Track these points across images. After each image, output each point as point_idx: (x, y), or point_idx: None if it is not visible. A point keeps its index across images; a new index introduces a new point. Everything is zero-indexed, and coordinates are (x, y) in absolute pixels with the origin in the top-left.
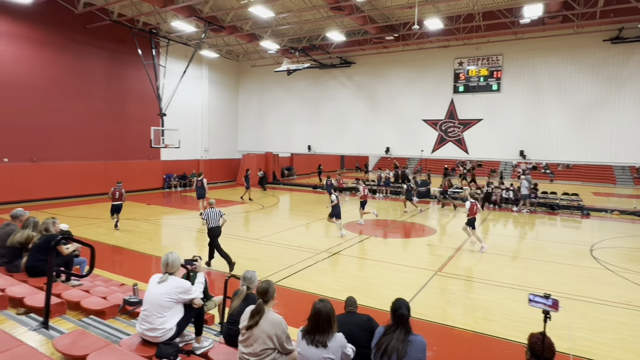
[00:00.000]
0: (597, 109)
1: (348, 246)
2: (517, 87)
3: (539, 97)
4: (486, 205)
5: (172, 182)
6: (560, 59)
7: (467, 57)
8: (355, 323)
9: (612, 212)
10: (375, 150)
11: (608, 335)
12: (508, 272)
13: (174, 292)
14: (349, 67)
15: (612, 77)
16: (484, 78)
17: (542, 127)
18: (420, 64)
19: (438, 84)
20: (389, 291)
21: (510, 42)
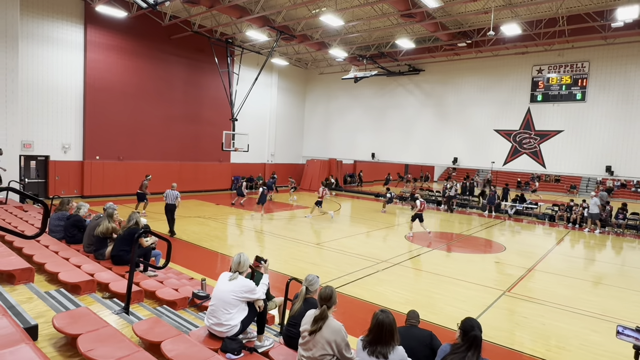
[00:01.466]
0: None
1: (409, 257)
2: (606, 96)
3: (632, 107)
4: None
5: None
6: None
7: (548, 64)
8: (416, 337)
9: None
10: (442, 160)
11: None
12: (589, 298)
13: (240, 290)
14: (417, 75)
15: None
16: (566, 86)
17: (634, 140)
18: (494, 71)
19: (513, 92)
20: (451, 308)
21: (599, 47)
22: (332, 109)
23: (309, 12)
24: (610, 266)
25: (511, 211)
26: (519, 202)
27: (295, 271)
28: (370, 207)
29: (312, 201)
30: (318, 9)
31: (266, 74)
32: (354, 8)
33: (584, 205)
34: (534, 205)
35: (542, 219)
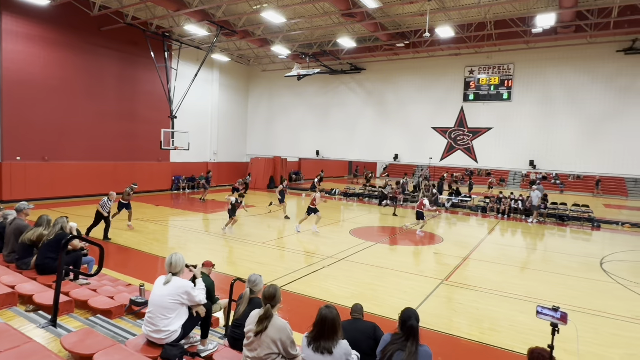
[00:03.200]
0: (610, 120)
1: (354, 252)
2: (528, 96)
3: (550, 107)
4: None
5: (181, 184)
6: (572, 69)
7: (478, 66)
8: (360, 330)
9: (623, 224)
10: (383, 156)
11: (618, 350)
12: (516, 282)
13: (176, 292)
14: (359, 73)
15: (625, 88)
16: (494, 87)
17: (552, 137)
18: (431, 71)
19: (448, 91)
20: (394, 299)
21: (522, 51)
22: (276, 106)
23: (250, 7)
24: (535, 252)
25: (448, 204)
26: (454, 196)
27: (242, 271)
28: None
29: (257, 200)
30: (259, 4)
31: (207, 70)
32: (295, 5)
33: (511, 197)
34: (468, 198)
35: (475, 210)
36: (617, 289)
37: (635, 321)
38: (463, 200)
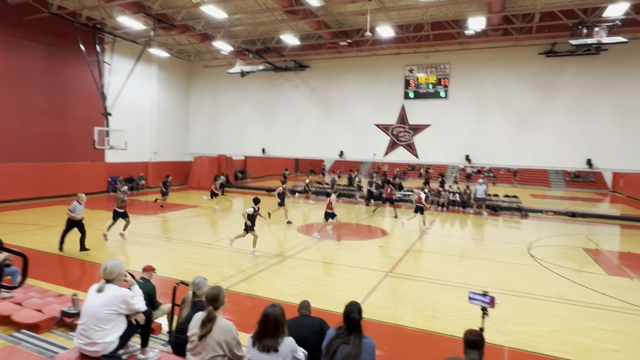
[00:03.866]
0: (534, 117)
1: (302, 249)
2: (463, 95)
3: (483, 104)
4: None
5: (118, 185)
6: (501, 70)
7: (417, 65)
8: (307, 326)
9: (547, 212)
10: (329, 153)
11: (543, 327)
12: (455, 271)
13: (112, 302)
14: (303, 71)
15: (547, 87)
16: (432, 85)
17: (485, 133)
18: (373, 69)
19: (390, 89)
20: (342, 293)
21: (457, 52)
22: (220, 103)
23: (190, 1)
24: (472, 241)
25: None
26: (397, 190)
27: (186, 275)
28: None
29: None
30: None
31: (144, 65)
32: (237, 0)
33: (450, 190)
34: (410, 192)
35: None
36: (543, 272)
37: (558, 300)
38: (406, 195)
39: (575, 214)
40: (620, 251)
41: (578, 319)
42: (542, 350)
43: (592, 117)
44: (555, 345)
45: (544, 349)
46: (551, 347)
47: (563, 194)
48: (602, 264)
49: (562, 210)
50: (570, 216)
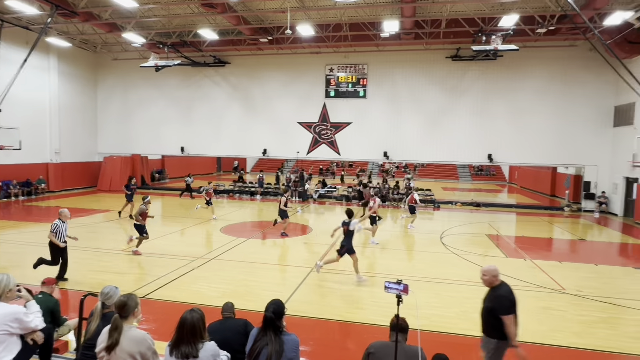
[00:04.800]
0: (443, 116)
1: (225, 250)
2: (380, 94)
3: (398, 104)
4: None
5: (12, 190)
6: (414, 71)
7: (337, 64)
8: (231, 329)
9: (456, 204)
10: (252, 151)
11: (454, 309)
12: (377, 262)
13: (3, 322)
14: (223, 67)
15: (453, 88)
16: (352, 84)
17: (401, 131)
18: (295, 68)
19: (311, 88)
20: (267, 292)
21: (374, 53)
22: (132, 99)
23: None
24: (392, 233)
25: (315, 195)
26: (321, 187)
27: (97, 285)
28: (183, 203)
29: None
30: None
31: (41, 56)
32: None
33: (371, 185)
34: (334, 189)
35: (340, 199)
36: (453, 259)
37: (466, 283)
38: (329, 191)
39: (479, 204)
40: (516, 235)
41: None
42: (454, 330)
43: (491, 117)
44: (465, 325)
45: (456, 329)
46: (462, 326)
47: (469, 186)
48: (502, 248)
49: (469, 201)
50: (475, 206)
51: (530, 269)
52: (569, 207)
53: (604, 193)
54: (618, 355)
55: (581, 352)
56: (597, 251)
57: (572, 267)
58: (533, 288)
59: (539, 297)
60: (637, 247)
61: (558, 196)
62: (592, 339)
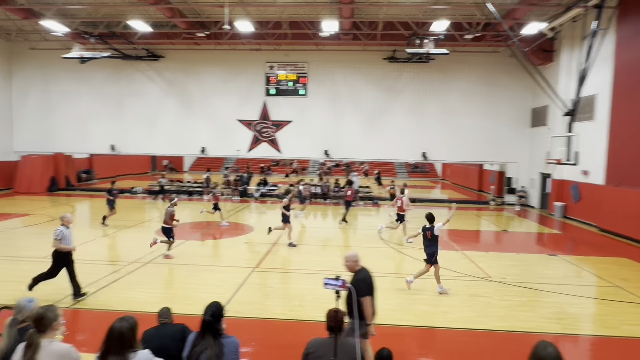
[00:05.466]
0: (381, 115)
1: (162, 253)
2: (321, 93)
3: (338, 103)
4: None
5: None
6: (353, 71)
7: (277, 62)
8: (168, 335)
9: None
10: (190, 150)
11: (392, 301)
12: (318, 260)
13: None
14: (157, 61)
15: (390, 89)
16: (292, 83)
17: (341, 129)
18: (234, 64)
19: (251, 85)
20: (207, 295)
21: (314, 52)
22: (54, 93)
23: None
24: (333, 230)
25: (257, 194)
26: (262, 186)
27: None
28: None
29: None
30: None
31: None
32: None
33: (312, 183)
34: (275, 187)
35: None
36: (391, 253)
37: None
38: (271, 190)
39: (415, 200)
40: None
41: (418, 290)
42: (391, 321)
43: (425, 116)
44: (402, 315)
45: (393, 320)
46: (398, 317)
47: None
48: None
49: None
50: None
51: (460, 259)
52: (493, 202)
53: (524, 188)
54: (536, 334)
55: (505, 334)
56: (518, 241)
57: (497, 257)
58: (463, 277)
59: (468, 286)
60: (551, 236)
61: (485, 191)
62: (515, 322)
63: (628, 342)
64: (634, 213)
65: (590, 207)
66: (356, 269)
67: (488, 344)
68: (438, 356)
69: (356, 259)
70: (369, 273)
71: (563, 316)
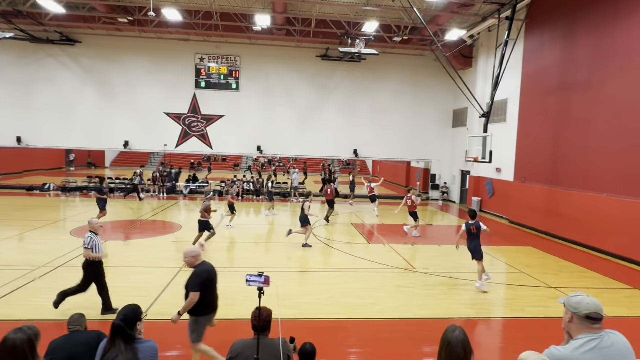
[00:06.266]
0: (314, 112)
1: (77, 255)
2: (254, 87)
3: (271, 98)
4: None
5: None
6: (286, 67)
7: (208, 54)
8: (79, 343)
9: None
10: (111, 143)
11: (323, 295)
12: (249, 257)
13: None
14: (73, 46)
15: (323, 86)
16: (224, 76)
17: (274, 125)
18: (161, 54)
19: (180, 77)
20: (128, 297)
21: (246, 45)
22: None
23: None
24: (263, 227)
25: (185, 191)
26: (192, 182)
27: None
28: (21, 203)
29: None
30: None
31: None
32: None
33: (244, 180)
34: (205, 183)
35: (213, 195)
36: (322, 248)
37: (333, 270)
38: (200, 186)
39: (347, 196)
40: (378, 223)
41: (348, 283)
42: (322, 315)
43: (356, 114)
44: (332, 308)
45: (323, 314)
46: (329, 310)
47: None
48: (365, 236)
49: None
50: (343, 198)
51: (388, 252)
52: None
53: (446, 184)
54: (453, 319)
55: (426, 321)
56: (440, 233)
57: (422, 249)
58: (390, 269)
59: (394, 277)
60: None
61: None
62: (436, 309)
63: (532, 322)
64: (536, 206)
65: (501, 202)
66: (195, 264)
67: (410, 331)
68: (364, 345)
69: (195, 254)
70: (208, 267)
71: (477, 302)
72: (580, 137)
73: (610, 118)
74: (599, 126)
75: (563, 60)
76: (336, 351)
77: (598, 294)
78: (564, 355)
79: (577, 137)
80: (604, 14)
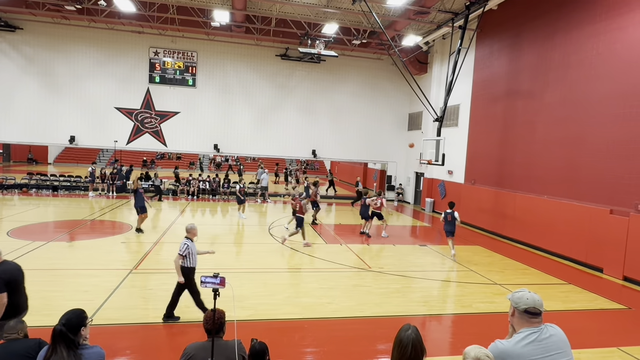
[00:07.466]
0: (273, 111)
1: (14, 258)
2: (211, 85)
3: (230, 96)
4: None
5: None
6: (245, 65)
7: (164, 48)
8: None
9: (284, 196)
10: (56, 138)
11: (280, 296)
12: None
13: None
14: (13, 33)
15: (282, 86)
16: (180, 72)
17: (232, 123)
18: (112, 45)
19: (133, 70)
20: (72, 302)
21: (204, 41)
22: None
23: None
24: (222, 227)
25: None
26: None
27: None
28: None
29: None
30: None
31: None
32: None
33: (199, 179)
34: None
35: (167, 194)
36: (281, 248)
37: (290, 270)
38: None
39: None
40: (335, 224)
41: (305, 283)
42: (279, 315)
43: (315, 115)
44: (289, 309)
45: (280, 314)
46: (286, 311)
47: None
48: (323, 236)
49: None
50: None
51: (344, 252)
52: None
53: (401, 185)
54: (407, 317)
55: (380, 319)
56: (395, 233)
57: (377, 249)
58: (346, 269)
59: (350, 277)
60: (422, 229)
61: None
62: (390, 307)
63: (479, 318)
64: (484, 207)
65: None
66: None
67: (366, 329)
68: (320, 345)
69: None
70: (11, 267)
71: (429, 299)
72: (525, 142)
73: (550, 125)
74: (541, 133)
75: (510, 69)
76: (292, 351)
77: (538, 290)
78: (507, 348)
79: (522, 142)
80: (545, 29)
